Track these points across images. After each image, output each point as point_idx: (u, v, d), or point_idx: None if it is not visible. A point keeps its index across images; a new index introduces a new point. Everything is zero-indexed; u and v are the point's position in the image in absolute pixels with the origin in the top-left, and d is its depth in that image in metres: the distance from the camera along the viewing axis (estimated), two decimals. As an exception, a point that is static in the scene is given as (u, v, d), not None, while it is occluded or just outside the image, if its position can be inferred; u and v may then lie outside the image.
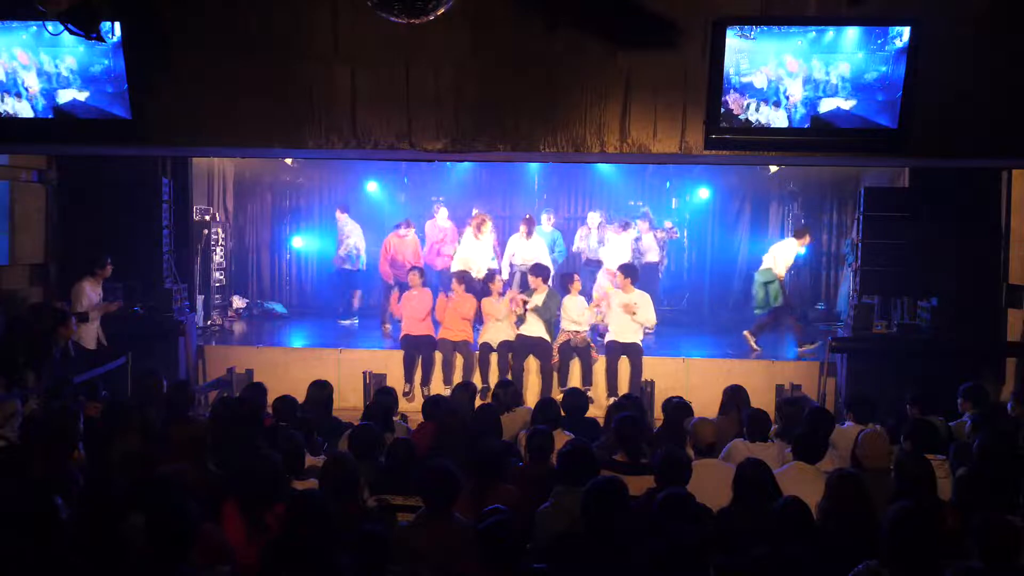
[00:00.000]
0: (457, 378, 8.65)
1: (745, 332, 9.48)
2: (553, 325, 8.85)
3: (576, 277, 9.10)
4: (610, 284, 9.54)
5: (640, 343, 8.71)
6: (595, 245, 10.92)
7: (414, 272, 9.14)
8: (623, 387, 8.48)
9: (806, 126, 5.19)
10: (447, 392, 8.14)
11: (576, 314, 8.77)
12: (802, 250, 10.13)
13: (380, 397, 6.09)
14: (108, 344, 7.83)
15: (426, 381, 8.79)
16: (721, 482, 4.23)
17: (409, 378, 8.78)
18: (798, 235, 9.96)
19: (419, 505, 3.96)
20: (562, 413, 5.74)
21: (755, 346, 9.30)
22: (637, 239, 10.86)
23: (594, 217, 11.14)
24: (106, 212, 8.44)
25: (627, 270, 8.86)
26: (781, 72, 5.09)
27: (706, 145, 5.40)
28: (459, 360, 8.79)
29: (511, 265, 10.44)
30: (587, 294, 9.72)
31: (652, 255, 11.07)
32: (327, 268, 12.64)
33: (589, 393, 8.39)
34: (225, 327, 10.80)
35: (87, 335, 7.67)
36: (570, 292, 8.89)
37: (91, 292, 7.79)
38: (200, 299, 10.06)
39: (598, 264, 10.70)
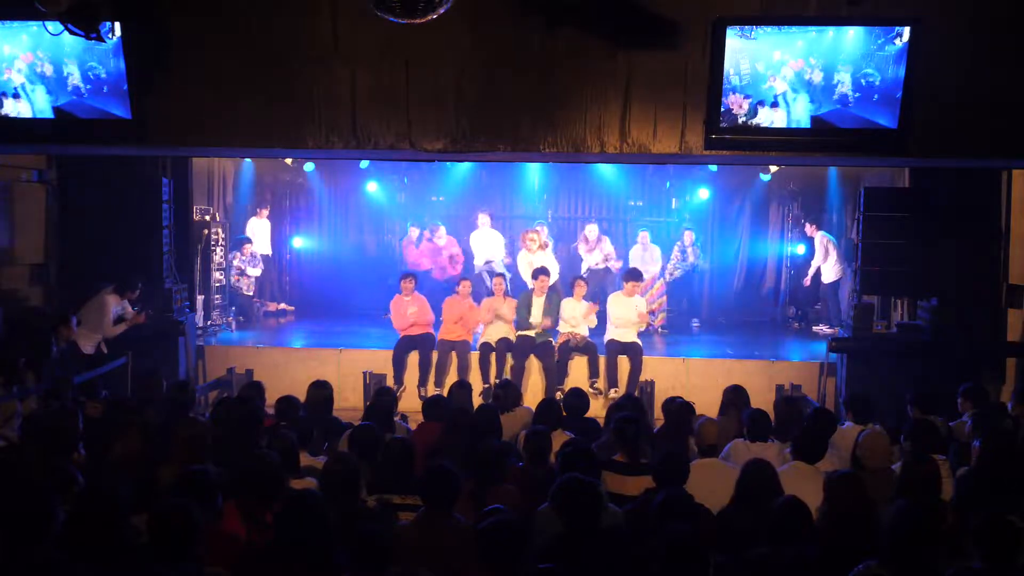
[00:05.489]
0: (454, 378, 8.60)
1: None
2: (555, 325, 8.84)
3: (580, 281, 9.04)
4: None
5: (640, 342, 8.71)
6: (599, 257, 10.90)
7: (408, 278, 9.10)
8: (623, 379, 8.50)
9: (806, 126, 5.18)
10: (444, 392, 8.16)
11: (572, 318, 8.74)
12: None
13: (380, 397, 6.10)
14: (108, 351, 7.83)
15: (423, 382, 8.74)
16: (721, 482, 4.24)
17: (399, 379, 8.69)
18: None
19: (419, 505, 3.96)
20: (563, 413, 5.75)
21: None
22: (683, 249, 11.19)
23: (592, 229, 11.08)
24: (106, 212, 8.42)
25: (632, 274, 9.02)
26: (781, 72, 5.08)
27: (706, 145, 5.39)
28: (457, 360, 8.75)
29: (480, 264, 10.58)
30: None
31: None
32: (327, 268, 12.69)
33: (597, 384, 8.43)
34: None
35: (86, 340, 7.67)
36: (573, 295, 8.84)
37: (115, 306, 7.83)
38: (200, 299, 10.06)
39: (605, 272, 10.70)
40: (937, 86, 5.17)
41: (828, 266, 11.03)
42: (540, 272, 8.97)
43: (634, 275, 9.02)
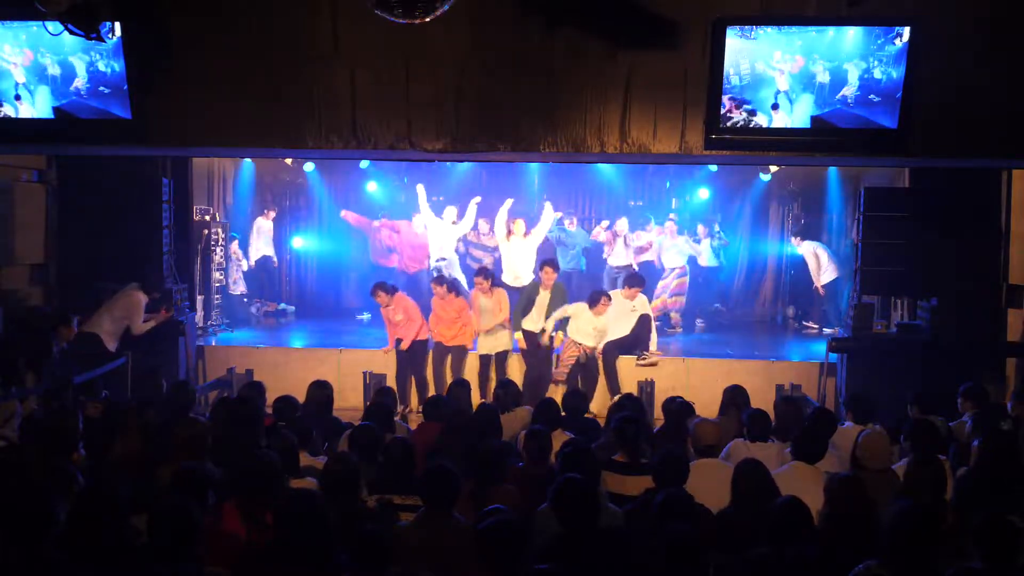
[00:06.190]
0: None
1: None
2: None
3: (605, 299, 8.38)
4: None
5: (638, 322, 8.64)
6: (621, 250, 10.94)
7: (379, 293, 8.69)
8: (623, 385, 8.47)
9: (806, 126, 5.18)
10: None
11: (584, 328, 8.40)
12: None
13: (380, 398, 6.10)
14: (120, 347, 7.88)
15: (422, 400, 8.36)
16: (721, 482, 4.24)
17: (404, 398, 8.46)
18: None
19: (419, 505, 3.96)
20: (562, 413, 5.75)
21: None
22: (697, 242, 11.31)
23: (623, 223, 11.08)
24: (106, 212, 8.42)
25: (633, 279, 8.88)
26: (781, 72, 5.08)
27: (706, 145, 5.39)
28: (454, 365, 8.68)
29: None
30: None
31: (710, 260, 11.47)
32: (327, 268, 12.70)
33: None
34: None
35: (110, 336, 7.70)
36: (594, 308, 8.32)
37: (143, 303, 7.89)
38: (200, 299, 10.06)
39: (627, 270, 10.65)
40: (937, 86, 5.17)
41: (822, 271, 11.03)
42: (547, 263, 8.63)
43: (636, 280, 8.85)
